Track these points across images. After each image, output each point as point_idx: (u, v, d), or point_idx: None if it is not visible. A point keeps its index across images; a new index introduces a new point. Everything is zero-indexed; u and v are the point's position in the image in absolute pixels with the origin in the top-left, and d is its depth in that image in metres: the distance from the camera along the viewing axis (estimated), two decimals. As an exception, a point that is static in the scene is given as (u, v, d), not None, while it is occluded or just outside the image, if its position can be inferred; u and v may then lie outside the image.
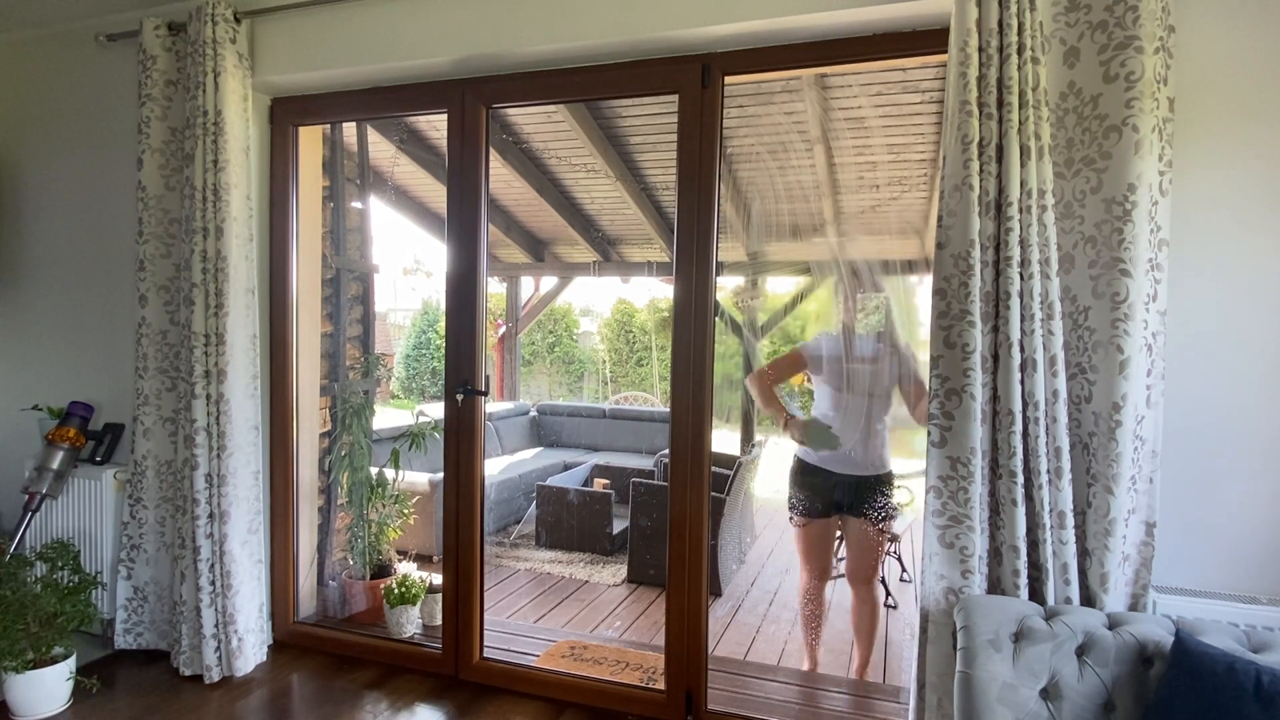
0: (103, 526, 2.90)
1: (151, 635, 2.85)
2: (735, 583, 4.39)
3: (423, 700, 2.62)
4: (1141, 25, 1.74)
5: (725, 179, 2.67)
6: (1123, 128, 1.76)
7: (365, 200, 3.77)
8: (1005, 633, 1.68)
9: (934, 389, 1.88)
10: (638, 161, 5.93)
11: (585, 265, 8.27)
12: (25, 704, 2.41)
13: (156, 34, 2.70)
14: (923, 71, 4.13)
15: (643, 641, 3.51)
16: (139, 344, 2.75)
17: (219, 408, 2.64)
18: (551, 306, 10.03)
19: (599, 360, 11.15)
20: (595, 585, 4.36)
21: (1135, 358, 1.76)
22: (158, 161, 2.74)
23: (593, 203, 7.02)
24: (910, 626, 3.65)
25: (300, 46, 2.70)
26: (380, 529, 3.43)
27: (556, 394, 10.98)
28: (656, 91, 2.50)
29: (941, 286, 1.86)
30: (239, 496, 2.70)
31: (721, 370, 8.55)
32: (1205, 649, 1.52)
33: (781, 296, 7.48)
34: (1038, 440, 1.80)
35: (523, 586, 4.35)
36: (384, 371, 5.03)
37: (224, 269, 2.61)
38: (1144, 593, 1.86)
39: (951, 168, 1.85)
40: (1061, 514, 1.81)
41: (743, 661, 3.32)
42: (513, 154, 5.98)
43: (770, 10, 2.12)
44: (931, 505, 1.89)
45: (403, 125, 5.66)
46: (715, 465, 2.51)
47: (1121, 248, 1.76)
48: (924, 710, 1.93)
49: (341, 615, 3.29)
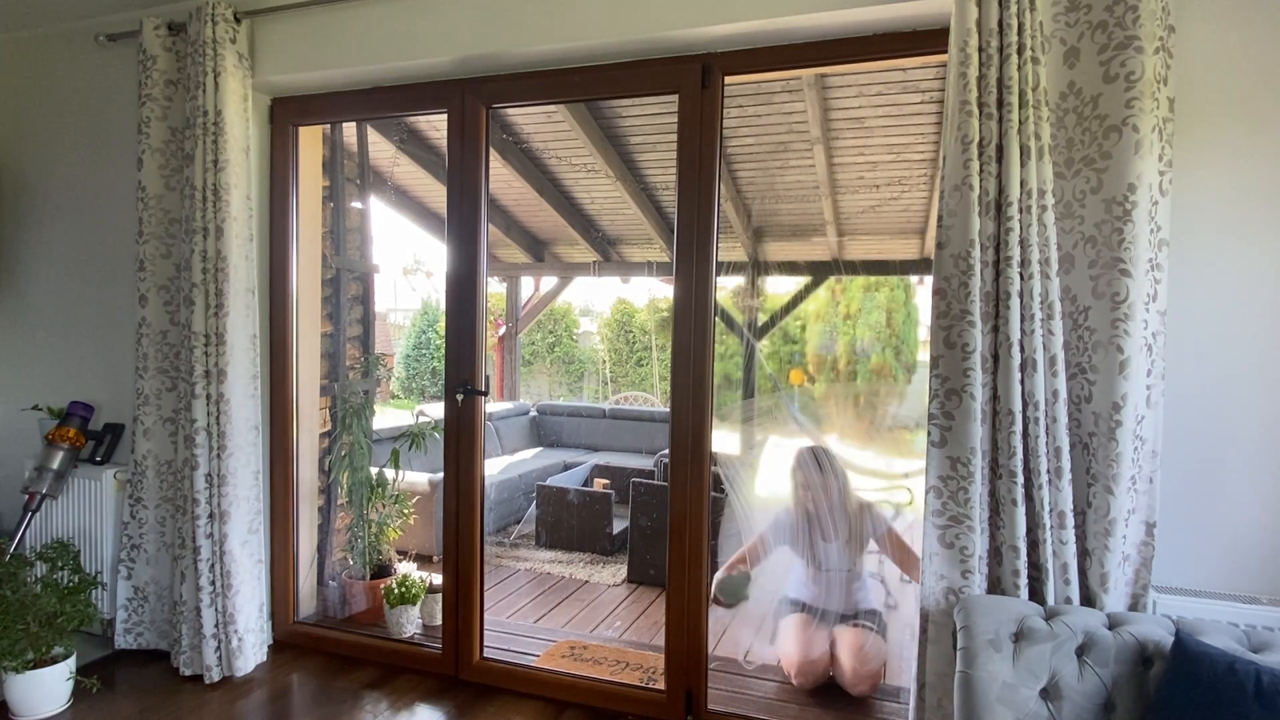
0: (103, 526, 2.90)
1: (151, 635, 2.85)
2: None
3: (423, 700, 2.62)
4: (1141, 25, 1.74)
5: (725, 179, 2.66)
6: (1123, 128, 1.76)
7: (365, 200, 3.77)
8: (1005, 633, 1.68)
9: (934, 389, 1.89)
10: (638, 161, 5.93)
11: (585, 265, 8.26)
12: (25, 704, 2.41)
13: (156, 34, 2.70)
14: (923, 71, 4.13)
15: (643, 641, 3.51)
16: (139, 344, 2.76)
17: (219, 408, 2.64)
18: (551, 306, 10.03)
19: (599, 360, 11.14)
20: (595, 585, 4.36)
21: (1135, 358, 1.76)
22: (158, 161, 2.74)
23: (593, 203, 7.02)
24: (910, 626, 3.64)
25: (300, 46, 2.70)
26: (380, 529, 3.43)
27: (556, 394, 10.98)
28: (656, 91, 2.50)
29: (941, 286, 1.86)
30: (239, 496, 2.70)
31: (721, 370, 8.56)
32: (1205, 649, 1.52)
33: (781, 296, 7.48)
34: (1038, 440, 1.80)
35: (523, 586, 4.34)
36: (384, 371, 5.03)
37: (224, 269, 2.61)
38: (1144, 593, 1.86)
39: (951, 168, 1.85)
40: (1061, 514, 1.81)
41: (743, 661, 3.32)
42: (513, 154, 5.98)
43: (770, 10, 2.12)
44: (931, 505, 1.90)
45: (403, 125, 5.65)
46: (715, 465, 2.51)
47: (1121, 248, 1.76)
48: (924, 710, 1.93)
49: (341, 615, 3.29)
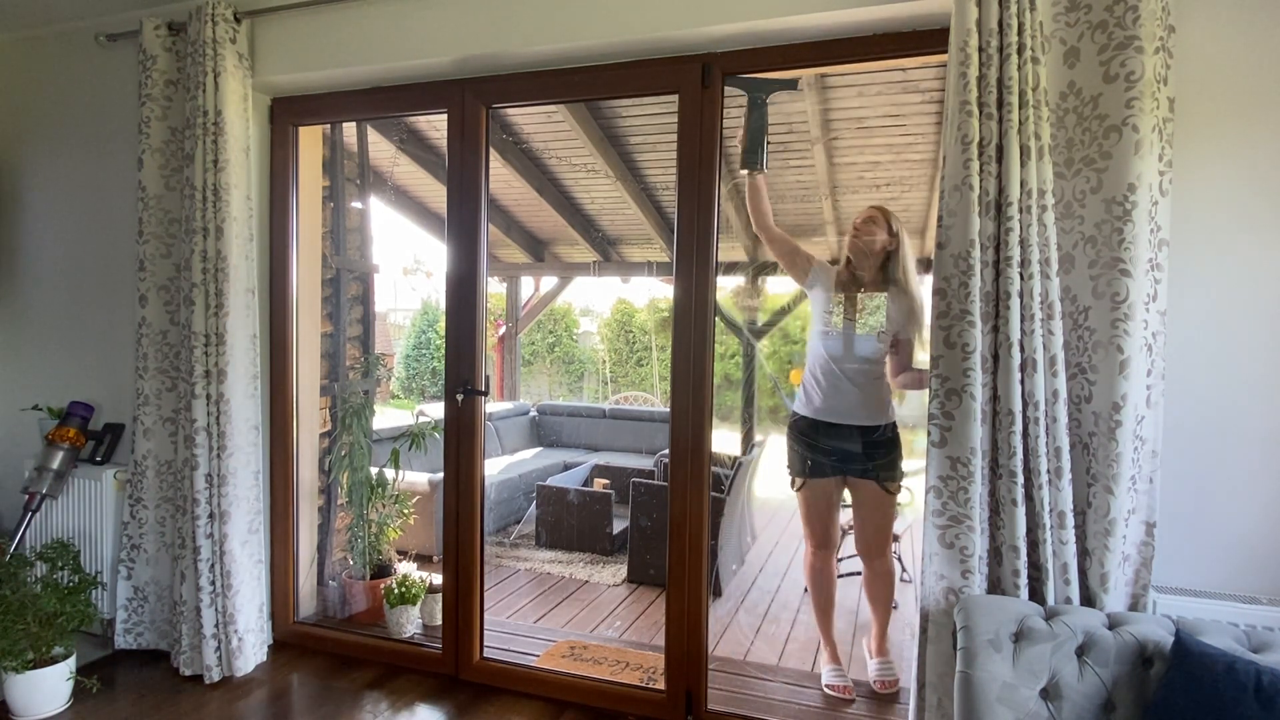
0: (103, 526, 2.90)
1: (151, 635, 2.85)
2: (735, 583, 4.39)
3: (423, 700, 2.62)
4: (1141, 25, 1.74)
5: (725, 179, 2.64)
6: (1123, 128, 1.76)
7: (365, 200, 3.77)
8: (1005, 633, 1.68)
9: (934, 389, 1.88)
10: (638, 161, 5.93)
11: (585, 265, 8.27)
12: (25, 704, 2.41)
13: (156, 34, 2.70)
14: (923, 71, 4.12)
15: (643, 641, 3.51)
16: (139, 344, 2.76)
17: (219, 408, 2.64)
18: (551, 306, 10.03)
19: (599, 360, 11.15)
20: (595, 585, 4.36)
21: (1135, 358, 1.76)
22: (158, 161, 2.74)
23: (593, 203, 7.02)
24: (910, 626, 3.65)
25: (300, 46, 2.70)
26: (380, 529, 3.43)
27: (556, 394, 10.98)
28: (656, 91, 2.50)
29: (941, 286, 1.86)
30: (239, 496, 2.70)
31: (721, 370, 8.56)
32: (1205, 649, 1.52)
33: (781, 296, 7.48)
34: (1038, 440, 1.80)
35: (523, 586, 4.34)
36: (384, 371, 5.03)
37: (224, 269, 2.61)
38: (1144, 593, 1.86)
39: (951, 168, 1.85)
40: (1061, 514, 1.81)
41: (743, 661, 3.32)
42: (513, 154, 5.98)
43: (770, 10, 2.12)
44: (931, 505, 1.89)
45: (403, 125, 5.65)
46: (715, 465, 2.48)
47: (1121, 248, 1.76)
48: (924, 710, 1.93)
49: (341, 615, 3.29)
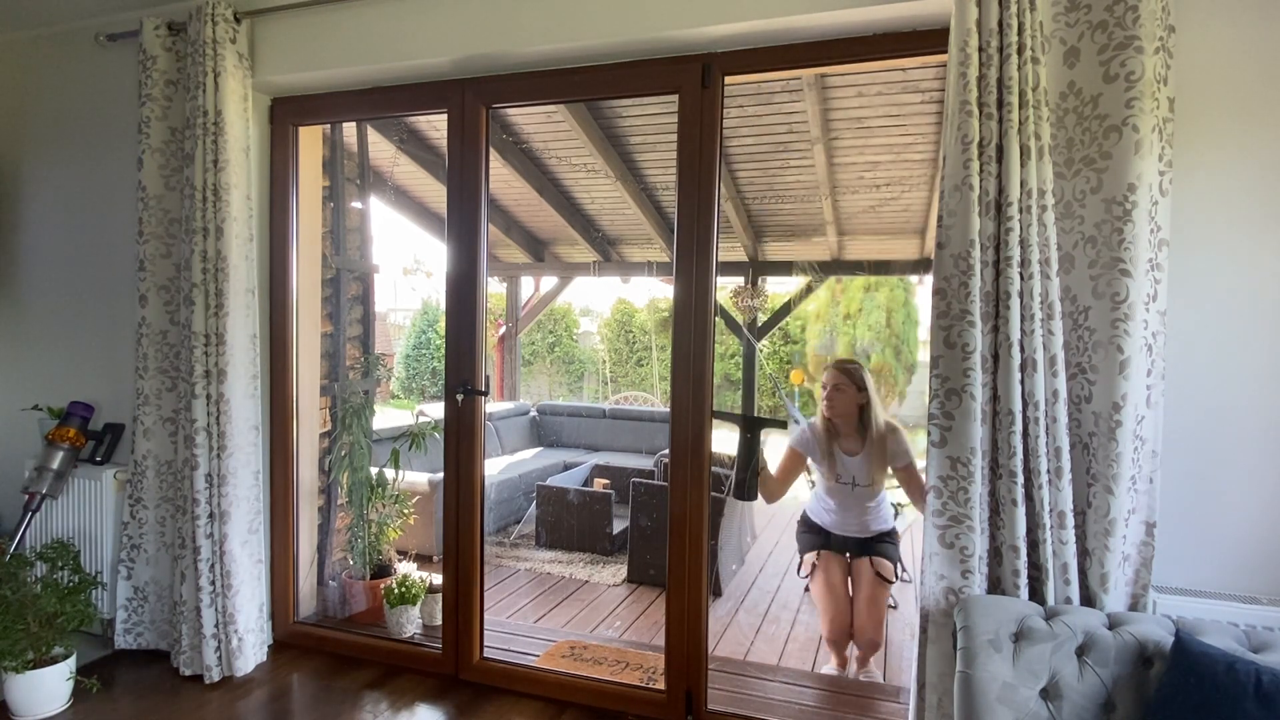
0: (103, 526, 2.90)
1: (151, 635, 2.85)
2: (735, 583, 4.39)
3: (423, 700, 2.62)
4: (1141, 25, 1.74)
5: (725, 179, 2.66)
6: (1123, 128, 1.76)
7: (365, 200, 3.77)
8: (1005, 633, 1.68)
9: (934, 389, 1.89)
10: (638, 161, 5.93)
11: (585, 265, 8.27)
12: (25, 704, 2.41)
13: (156, 34, 2.70)
14: (923, 71, 4.13)
15: (643, 641, 3.51)
16: (139, 344, 2.75)
17: (219, 408, 2.64)
18: (551, 306, 10.04)
19: (599, 360, 11.15)
20: (595, 585, 4.36)
21: (1135, 358, 1.76)
22: (158, 161, 2.74)
23: (593, 203, 7.02)
24: (910, 626, 3.65)
25: (300, 46, 2.70)
26: (380, 529, 3.43)
27: (556, 394, 10.99)
28: (656, 91, 2.50)
29: (941, 286, 1.86)
30: (239, 496, 2.70)
31: (721, 370, 8.54)
32: (1205, 649, 1.52)
33: (781, 296, 7.48)
34: (1038, 440, 1.80)
35: (523, 586, 4.34)
36: (384, 371, 5.02)
37: (224, 269, 2.61)
38: (1144, 593, 1.86)
39: (951, 168, 1.85)
40: (1061, 514, 1.81)
41: (743, 661, 3.32)
42: (513, 154, 5.98)
43: (770, 10, 2.12)
44: (931, 505, 1.90)
45: (403, 125, 5.65)
46: (715, 465, 2.50)
47: (1121, 248, 1.76)
48: (924, 710, 1.93)
49: (341, 615, 3.29)
